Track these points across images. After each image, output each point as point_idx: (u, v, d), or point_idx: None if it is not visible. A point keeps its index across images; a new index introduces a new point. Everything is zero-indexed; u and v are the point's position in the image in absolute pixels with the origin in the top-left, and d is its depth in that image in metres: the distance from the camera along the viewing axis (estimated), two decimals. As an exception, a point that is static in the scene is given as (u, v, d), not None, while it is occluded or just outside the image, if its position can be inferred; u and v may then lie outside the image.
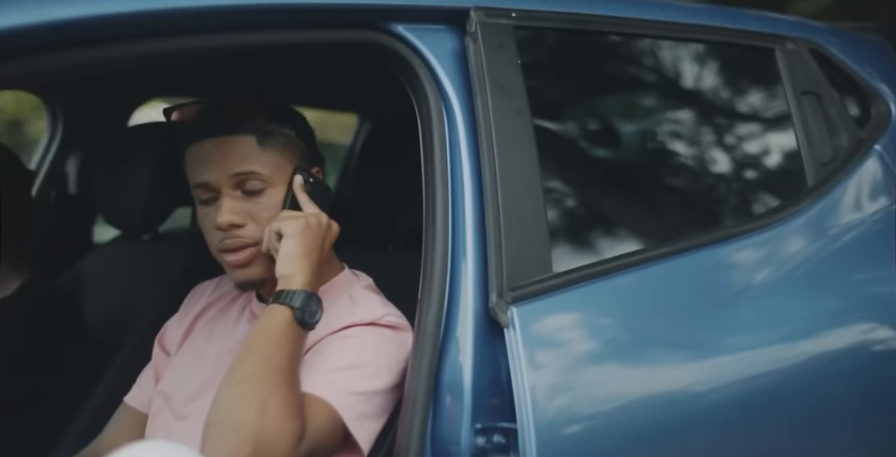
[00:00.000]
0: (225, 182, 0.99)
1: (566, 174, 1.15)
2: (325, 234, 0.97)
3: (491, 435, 0.93)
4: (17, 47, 0.72)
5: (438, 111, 0.99)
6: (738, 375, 1.08)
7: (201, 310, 1.10)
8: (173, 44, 0.81)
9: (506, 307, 0.95)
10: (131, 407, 1.10)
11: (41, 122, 2.11)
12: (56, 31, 0.74)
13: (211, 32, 0.85)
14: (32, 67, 0.73)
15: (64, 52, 0.74)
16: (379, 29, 0.98)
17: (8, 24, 0.70)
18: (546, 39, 1.17)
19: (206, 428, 0.84)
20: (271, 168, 1.00)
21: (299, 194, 0.99)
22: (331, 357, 0.95)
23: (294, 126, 1.03)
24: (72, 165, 1.81)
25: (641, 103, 1.34)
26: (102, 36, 0.77)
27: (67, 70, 0.77)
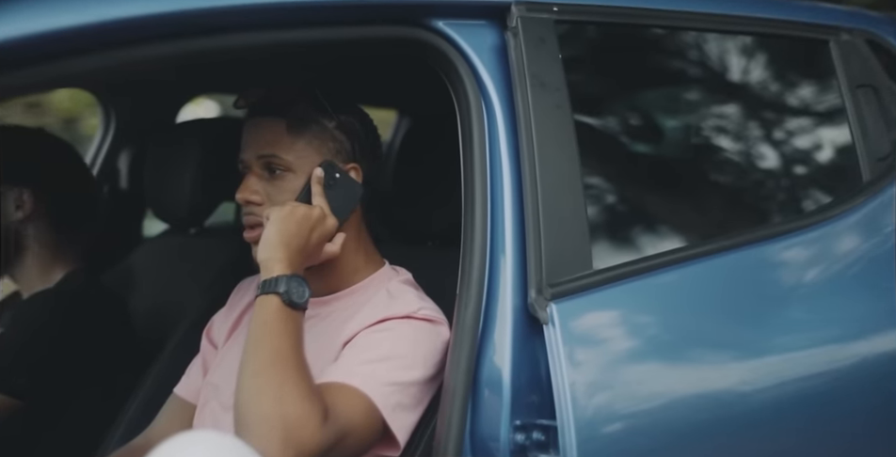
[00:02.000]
0: (254, 162, 1.02)
1: (607, 170, 1.14)
2: (312, 226, 0.97)
3: (530, 432, 0.93)
4: (71, 47, 0.74)
5: (477, 106, 0.99)
6: (787, 376, 1.06)
7: (248, 305, 1.13)
8: (219, 42, 0.83)
9: (545, 304, 0.94)
10: (180, 398, 1.13)
11: (94, 119, 2.18)
12: (107, 31, 0.76)
13: (255, 29, 0.86)
14: (85, 66, 0.75)
15: (114, 51, 0.77)
16: (419, 25, 0.98)
17: (61, 25, 0.72)
18: (588, 32, 1.15)
19: (236, 425, 0.86)
20: (295, 155, 1.01)
21: (313, 186, 1.00)
22: (367, 349, 0.96)
23: (336, 118, 1.03)
24: (123, 160, 1.86)
25: (685, 98, 1.32)
26: (150, 35, 0.79)
27: (117, 70, 0.79)
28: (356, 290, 1.05)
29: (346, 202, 1.01)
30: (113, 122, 1.84)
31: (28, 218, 1.33)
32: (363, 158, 1.05)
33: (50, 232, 1.36)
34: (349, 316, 1.02)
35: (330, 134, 1.03)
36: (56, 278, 1.36)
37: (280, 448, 0.83)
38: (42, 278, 1.35)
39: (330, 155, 1.02)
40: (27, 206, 1.33)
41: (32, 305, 1.33)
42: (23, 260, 1.34)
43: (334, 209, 1.00)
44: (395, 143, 2.26)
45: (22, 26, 0.70)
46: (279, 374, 0.87)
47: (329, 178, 1.01)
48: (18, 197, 1.33)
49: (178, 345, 1.36)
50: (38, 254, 1.35)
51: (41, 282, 1.36)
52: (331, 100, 1.04)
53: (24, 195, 1.33)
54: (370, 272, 1.06)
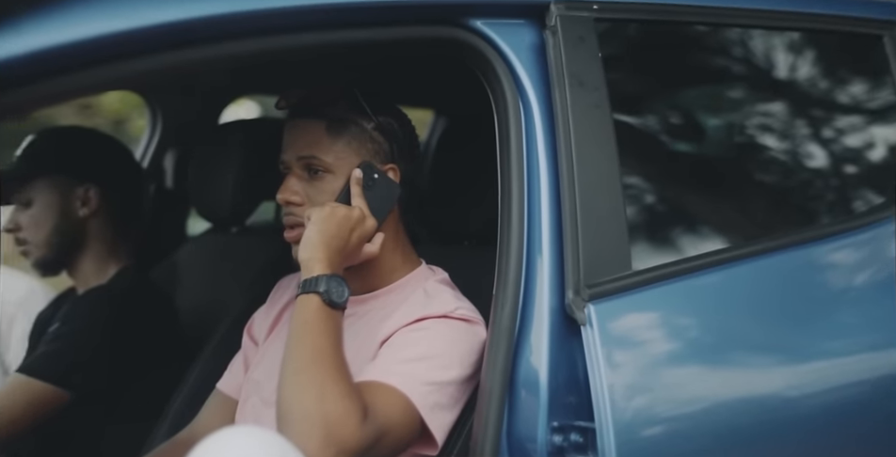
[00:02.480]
0: (294, 163, 1.03)
1: (648, 169, 1.12)
2: (353, 226, 0.98)
3: (568, 434, 0.92)
4: (121, 51, 0.77)
5: (515, 106, 0.98)
6: (836, 382, 1.03)
7: (288, 302, 1.14)
8: (264, 44, 0.85)
9: (583, 305, 0.93)
10: (223, 393, 1.15)
11: (141, 121, 2.25)
12: (156, 34, 0.78)
13: (299, 31, 0.87)
14: (135, 69, 0.78)
15: (162, 54, 0.79)
16: (458, 25, 0.98)
17: (109, 30, 0.75)
18: (629, 30, 1.14)
19: (278, 422, 0.87)
20: (334, 156, 1.02)
21: (353, 187, 1.01)
22: (404, 348, 0.96)
23: (375, 119, 1.04)
24: (169, 160, 1.91)
25: (729, 96, 1.29)
26: (196, 38, 0.81)
27: (165, 72, 0.81)
28: (393, 289, 1.06)
29: (385, 203, 1.02)
30: (160, 123, 1.89)
31: (92, 215, 1.38)
32: (402, 159, 1.06)
33: (108, 229, 1.41)
34: (387, 315, 1.02)
35: (369, 136, 1.03)
36: (109, 275, 1.41)
37: (321, 445, 0.84)
38: (97, 275, 1.40)
39: (369, 156, 1.03)
40: (92, 203, 1.38)
41: (87, 300, 1.37)
42: (82, 257, 1.39)
43: (373, 209, 1.01)
44: (432, 143, 2.27)
45: (75, 31, 0.73)
46: (319, 372, 0.88)
47: (368, 179, 1.01)
48: (84, 194, 1.38)
49: (220, 341, 1.39)
50: (96, 250, 1.40)
51: (96, 278, 1.40)
52: (370, 101, 1.04)
53: (89, 192, 1.38)
54: (407, 271, 1.07)
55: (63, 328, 1.34)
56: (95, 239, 1.39)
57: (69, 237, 1.37)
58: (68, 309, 1.38)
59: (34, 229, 1.36)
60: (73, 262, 1.40)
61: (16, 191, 1.37)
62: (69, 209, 1.37)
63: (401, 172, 1.06)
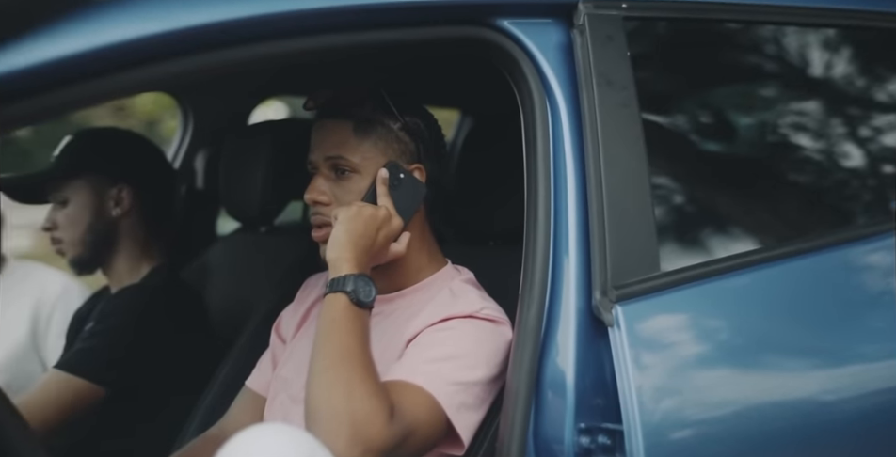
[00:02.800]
0: (322, 163, 1.04)
1: (677, 169, 1.11)
2: (379, 226, 0.98)
3: (596, 436, 0.92)
4: (156, 53, 0.78)
5: (541, 106, 0.98)
6: (873, 386, 1.01)
7: (315, 300, 1.15)
8: (292, 45, 0.85)
9: (610, 306, 0.93)
10: (252, 390, 1.16)
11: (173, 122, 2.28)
12: (189, 37, 0.79)
13: (326, 32, 0.88)
14: (169, 71, 0.79)
15: (196, 56, 0.80)
16: (484, 25, 0.98)
17: (143, 33, 0.76)
18: (658, 28, 1.12)
19: (306, 419, 0.88)
20: (361, 156, 1.02)
21: (379, 186, 1.01)
22: (430, 348, 0.97)
23: (401, 120, 1.04)
24: (199, 161, 1.94)
25: (761, 95, 1.26)
26: (229, 40, 0.82)
27: (198, 73, 0.83)
28: (419, 288, 1.06)
29: (411, 202, 1.02)
30: (191, 124, 1.92)
31: (125, 214, 1.41)
32: (427, 159, 1.06)
33: (140, 228, 1.43)
34: (413, 314, 1.03)
35: (395, 136, 1.04)
36: (142, 273, 1.43)
37: (348, 443, 0.85)
38: (131, 273, 1.43)
39: (395, 156, 1.04)
40: (125, 203, 1.41)
41: (121, 299, 1.40)
42: (115, 256, 1.42)
43: (399, 209, 1.01)
44: (458, 143, 2.27)
45: (110, 35, 0.75)
46: (347, 371, 0.88)
47: (394, 178, 1.02)
48: (117, 194, 1.41)
49: (249, 339, 1.40)
50: (129, 249, 1.42)
51: (129, 277, 1.43)
52: (397, 101, 1.05)
53: (122, 192, 1.41)
54: (433, 271, 1.07)
55: (98, 326, 1.36)
56: (128, 238, 1.42)
57: (102, 236, 1.40)
58: (102, 307, 1.40)
59: (69, 228, 1.39)
60: (107, 261, 1.42)
61: (54, 190, 1.41)
62: (102, 208, 1.40)
63: (427, 172, 1.06)
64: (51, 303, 1.82)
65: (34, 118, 0.72)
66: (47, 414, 1.27)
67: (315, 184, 1.03)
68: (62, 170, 1.41)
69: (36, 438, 0.69)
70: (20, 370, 1.78)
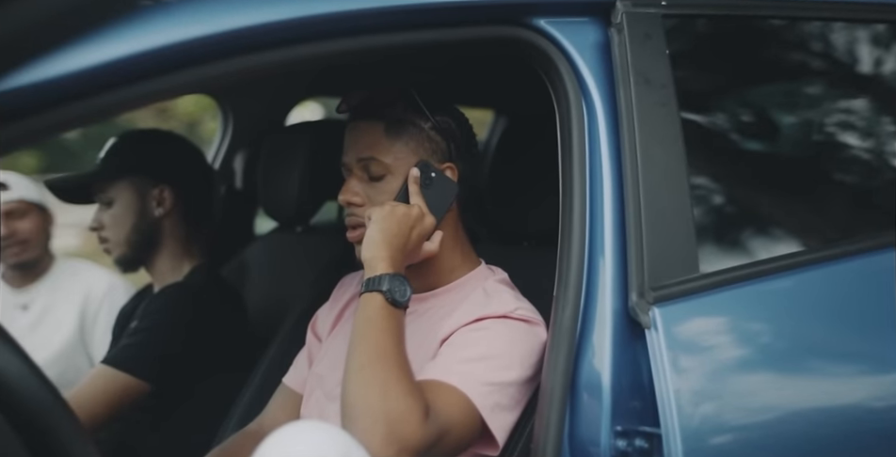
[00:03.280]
0: (354, 164, 1.05)
1: (718, 169, 1.08)
2: (413, 225, 0.99)
3: (633, 439, 0.90)
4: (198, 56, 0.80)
5: (577, 105, 0.97)
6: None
7: (350, 299, 1.16)
8: (330, 47, 0.86)
9: (648, 308, 0.92)
10: (288, 388, 1.17)
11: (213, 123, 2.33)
12: (230, 39, 0.81)
13: (364, 33, 0.89)
14: (210, 73, 0.81)
15: (236, 58, 0.82)
16: (521, 24, 0.98)
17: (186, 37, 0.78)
18: (698, 26, 1.10)
19: (342, 418, 0.89)
20: (393, 157, 1.03)
21: (410, 186, 1.02)
22: (464, 348, 0.97)
23: (432, 119, 1.04)
24: (239, 161, 1.98)
25: (805, 93, 1.23)
26: (269, 42, 0.84)
27: (238, 76, 0.84)
28: (452, 288, 1.06)
29: (442, 201, 1.03)
30: (231, 125, 1.96)
31: (166, 214, 1.44)
32: (459, 157, 1.06)
33: (182, 228, 1.46)
34: (446, 313, 1.03)
35: (426, 135, 1.04)
36: (184, 272, 1.46)
37: (383, 442, 0.85)
38: (173, 272, 1.46)
39: (427, 155, 1.04)
40: (167, 203, 1.44)
41: (164, 297, 1.43)
42: (158, 255, 1.45)
43: (431, 208, 1.02)
44: (492, 143, 2.26)
45: (155, 39, 0.77)
46: (382, 370, 0.89)
47: (426, 177, 1.02)
48: (159, 195, 1.44)
49: (286, 337, 1.42)
50: (171, 248, 1.45)
51: (172, 275, 1.46)
52: (427, 100, 1.05)
53: (164, 192, 1.44)
54: (466, 270, 1.07)
55: (142, 323, 1.39)
56: (170, 237, 1.45)
57: (146, 236, 1.43)
58: (146, 305, 1.43)
59: (115, 228, 1.43)
60: (151, 260, 1.46)
61: (99, 191, 1.45)
62: (145, 209, 1.43)
63: (459, 171, 1.06)
64: (98, 300, 1.88)
65: (84, 121, 0.75)
66: (95, 408, 1.30)
67: (349, 186, 1.04)
68: (107, 172, 1.44)
69: (85, 431, 0.71)
70: (69, 364, 1.84)
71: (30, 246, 1.85)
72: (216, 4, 0.81)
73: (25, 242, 1.85)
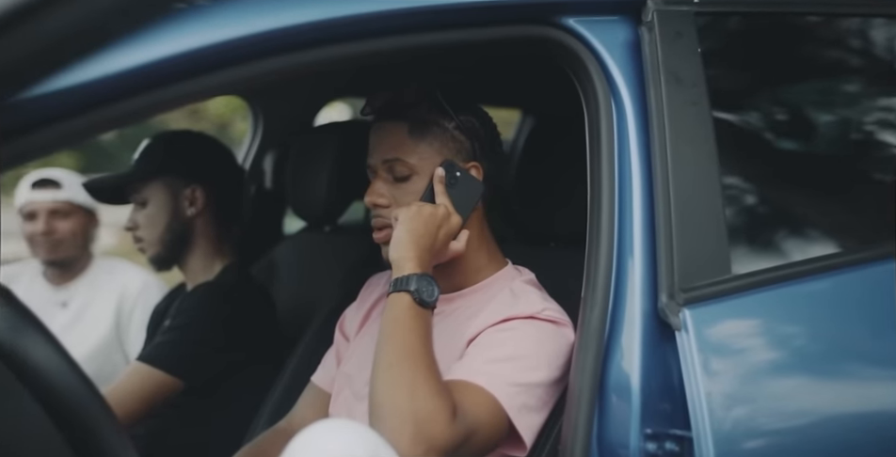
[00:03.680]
0: (379, 166, 1.05)
1: (752, 169, 1.07)
2: (439, 224, 0.99)
3: (663, 442, 0.90)
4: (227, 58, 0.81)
5: (606, 105, 0.96)
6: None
7: (377, 299, 1.17)
8: (359, 48, 0.87)
9: (678, 309, 0.90)
10: (317, 386, 1.18)
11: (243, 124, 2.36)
12: (262, 41, 0.82)
13: (393, 34, 0.89)
14: (241, 75, 0.82)
15: (269, 59, 0.83)
16: (549, 23, 0.97)
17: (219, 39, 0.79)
18: (732, 23, 1.09)
19: (370, 418, 0.89)
20: (418, 157, 1.03)
21: (436, 185, 1.02)
22: (491, 348, 0.96)
23: (455, 119, 1.04)
24: (268, 162, 2.00)
25: (842, 90, 1.20)
26: (299, 43, 0.84)
27: (267, 77, 0.85)
28: (479, 288, 1.06)
29: (468, 200, 1.03)
30: (261, 126, 1.98)
31: (198, 214, 1.46)
32: (483, 156, 1.06)
33: (213, 227, 1.49)
34: (473, 314, 1.03)
35: (450, 135, 1.04)
36: (215, 271, 1.48)
37: (411, 441, 0.85)
38: (205, 271, 1.48)
39: (451, 155, 1.04)
40: (199, 203, 1.47)
41: (196, 295, 1.45)
42: (190, 254, 1.47)
43: (457, 207, 1.02)
44: (519, 143, 2.26)
45: (190, 41, 0.78)
46: (410, 369, 0.89)
47: (451, 177, 1.02)
48: (191, 195, 1.46)
49: (314, 336, 1.43)
50: (203, 247, 1.48)
51: (204, 274, 1.48)
52: (450, 100, 1.05)
53: (195, 192, 1.47)
54: (493, 270, 1.07)
55: (175, 321, 1.41)
56: (202, 237, 1.47)
57: (178, 235, 1.45)
58: (179, 304, 1.45)
59: (149, 228, 1.45)
60: (183, 259, 1.48)
61: (134, 192, 1.48)
62: (178, 208, 1.45)
63: (483, 169, 1.06)
64: (133, 298, 1.92)
65: (121, 122, 0.76)
66: (131, 404, 1.33)
67: (374, 187, 1.05)
68: (141, 173, 1.47)
69: (122, 427, 0.73)
70: (105, 360, 1.88)
71: (64, 246, 1.90)
72: (247, 6, 0.82)
73: (61, 241, 1.89)
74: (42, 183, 1.89)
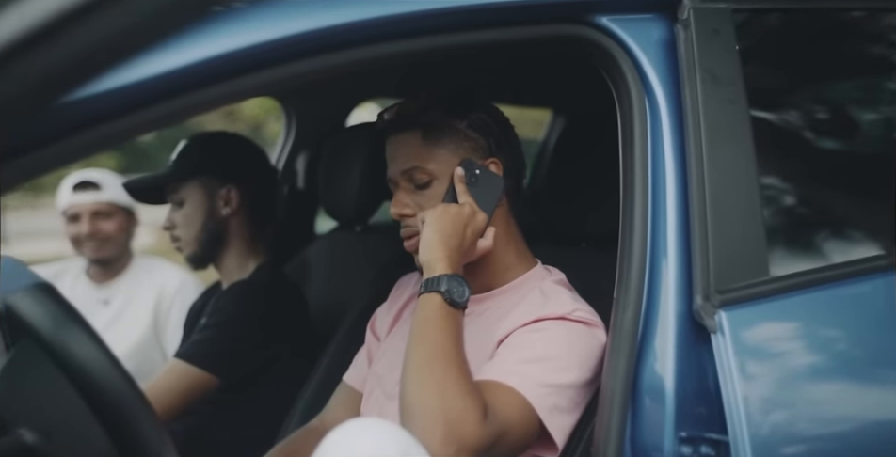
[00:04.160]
0: (399, 177, 1.05)
1: (791, 168, 1.04)
2: (465, 222, 0.99)
3: (698, 446, 0.88)
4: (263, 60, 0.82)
5: (640, 104, 0.95)
6: None
7: (408, 300, 1.17)
8: (393, 48, 0.87)
9: (713, 311, 0.89)
10: (348, 386, 1.19)
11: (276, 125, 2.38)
12: (298, 42, 0.83)
13: (426, 34, 0.89)
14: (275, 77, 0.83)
15: (304, 61, 0.84)
16: (583, 22, 0.96)
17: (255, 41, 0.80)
18: (771, 20, 1.06)
19: (401, 417, 0.90)
20: (436, 162, 1.03)
21: (457, 185, 1.02)
22: (521, 349, 0.96)
23: (466, 118, 1.04)
24: (301, 162, 2.03)
25: (884, 88, 1.17)
26: (330, 45, 0.85)
27: (302, 78, 0.86)
28: (509, 289, 1.06)
29: (490, 196, 1.02)
30: (294, 127, 2.00)
31: (233, 214, 1.49)
32: (500, 151, 1.06)
33: (248, 227, 1.51)
34: (503, 314, 1.03)
35: (464, 134, 1.04)
36: (249, 270, 1.50)
37: (442, 441, 0.85)
38: (240, 270, 1.50)
39: (468, 154, 1.04)
40: (234, 202, 1.49)
41: (231, 294, 1.47)
42: (226, 253, 1.50)
43: (480, 204, 1.02)
44: (550, 143, 2.24)
45: (227, 44, 0.79)
46: (440, 370, 0.89)
47: (470, 175, 1.02)
48: (226, 195, 1.49)
49: (345, 334, 1.44)
50: (237, 247, 1.50)
51: (239, 273, 1.51)
52: (459, 101, 1.05)
53: (230, 192, 1.49)
54: (522, 270, 1.07)
55: (212, 319, 1.43)
56: (236, 236, 1.49)
57: (214, 234, 1.48)
58: (215, 302, 1.48)
59: (186, 228, 1.48)
60: (219, 258, 1.50)
61: (171, 192, 1.51)
62: (214, 208, 1.48)
63: (503, 164, 1.05)
64: (171, 296, 1.96)
65: (160, 123, 0.78)
66: (169, 400, 1.35)
67: (397, 199, 1.05)
68: (178, 173, 1.50)
69: (161, 423, 0.74)
70: (144, 357, 1.92)
71: (108, 245, 1.95)
72: (281, 8, 0.83)
73: (105, 240, 1.95)
74: (83, 186, 1.95)
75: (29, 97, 0.53)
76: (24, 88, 0.52)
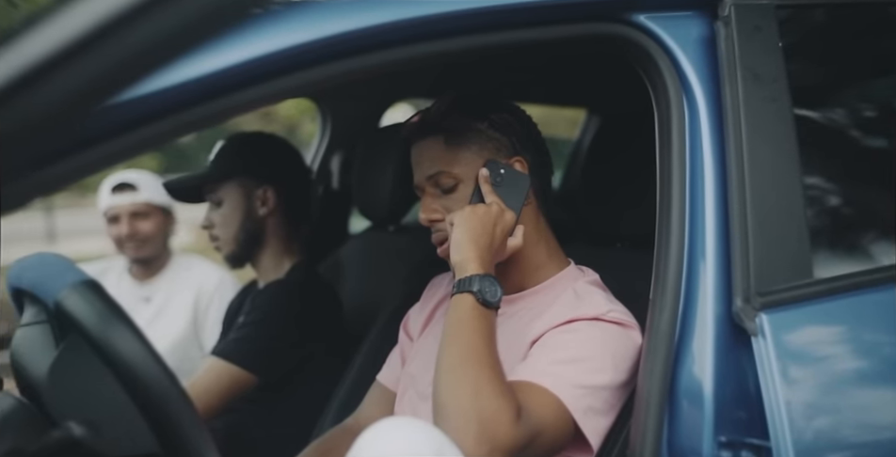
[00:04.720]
0: (425, 183, 1.06)
1: (836, 168, 1.01)
2: (494, 221, 0.99)
3: (738, 450, 0.86)
4: (301, 61, 0.83)
5: (678, 103, 0.94)
6: None
7: (440, 300, 1.17)
8: (429, 48, 0.87)
9: (754, 314, 0.87)
10: (382, 385, 1.20)
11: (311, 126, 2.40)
12: (333, 44, 0.84)
13: (461, 34, 0.89)
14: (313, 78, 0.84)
15: (335, 62, 0.84)
16: (619, 21, 0.95)
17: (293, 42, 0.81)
18: (816, 16, 1.04)
19: (434, 417, 0.89)
20: (460, 165, 1.03)
21: (483, 185, 1.01)
22: (555, 350, 0.96)
23: (487, 118, 1.04)
24: (335, 162, 2.05)
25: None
26: (366, 46, 0.86)
27: (337, 79, 0.87)
28: (541, 289, 1.05)
29: (517, 195, 1.02)
30: (329, 128, 2.02)
31: (270, 213, 1.51)
32: (525, 149, 1.05)
33: (284, 227, 1.53)
34: (536, 315, 1.02)
35: (486, 135, 1.04)
36: (285, 269, 1.52)
37: (475, 441, 0.85)
38: (276, 269, 1.52)
39: (492, 154, 1.04)
40: (270, 202, 1.51)
41: (268, 293, 1.49)
42: (262, 252, 1.52)
43: (508, 203, 1.01)
44: (584, 142, 2.22)
45: (266, 45, 0.81)
46: (474, 370, 0.89)
47: (496, 175, 1.02)
48: (263, 195, 1.51)
49: (379, 334, 1.45)
50: (274, 246, 1.52)
51: (275, 272, 1.53)
52: (479, 102, 1.05)
53: (267, 192, 1.51)
54: (554, 270, 1.06)
55: (249, 318, 1.45)
56: (273, 236, 1.51)
57: (251, 234, 1.50)
58: (252, 300, 1.50)
59: (224, 227, 1.51)
60: (256, 257, 1.52)
61: (210, 192, 1.53)
62: (251, 208, 1.50)
63: (528, 162, 1.05)
64: (209, 294, 2.00)
65: (199, 125, 0.79)
66: (209, 398, 1.37)
67: (425, 204, 1.05)
68: (216, 173, 1.53)
69: (202, 421, 0.76)
70: (184, 355, 1.96)
71: (148, 244, 2.00)
72: (319, 9, 0.84)
73: (145, 240, 1.99)
74: (121, 187, 2.00)
75: (76, 102, 0.54)
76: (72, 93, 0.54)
